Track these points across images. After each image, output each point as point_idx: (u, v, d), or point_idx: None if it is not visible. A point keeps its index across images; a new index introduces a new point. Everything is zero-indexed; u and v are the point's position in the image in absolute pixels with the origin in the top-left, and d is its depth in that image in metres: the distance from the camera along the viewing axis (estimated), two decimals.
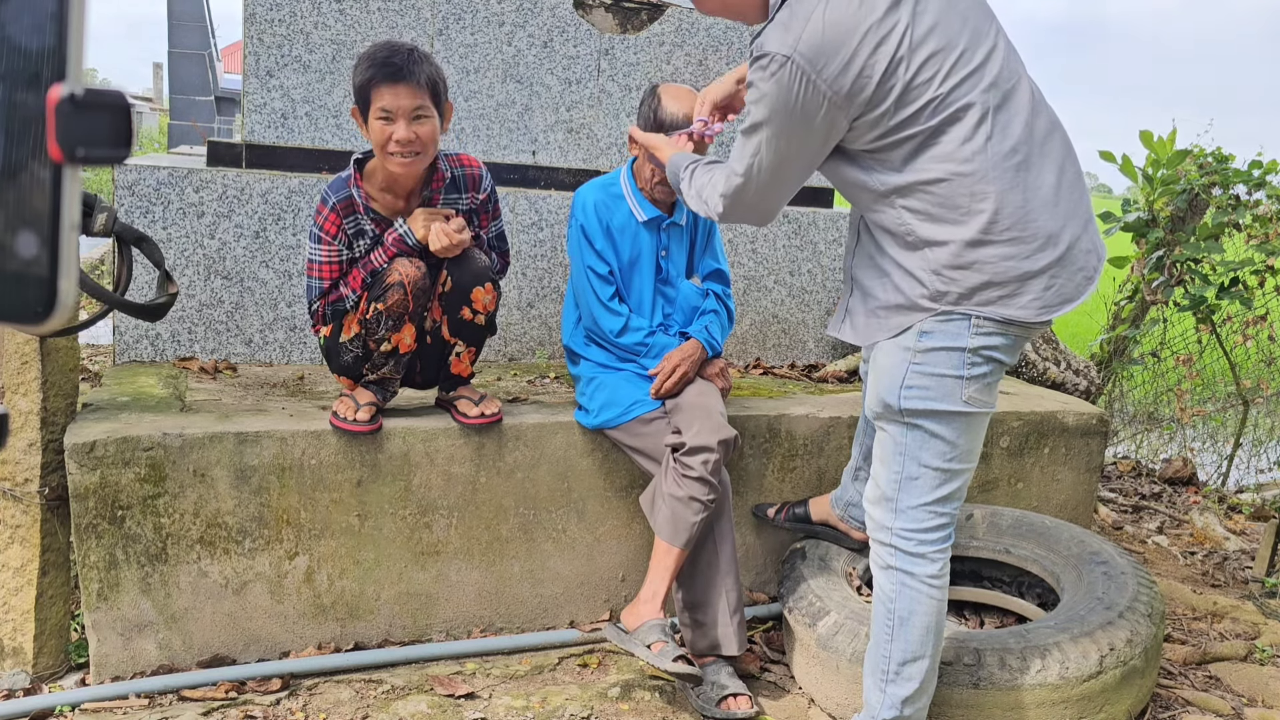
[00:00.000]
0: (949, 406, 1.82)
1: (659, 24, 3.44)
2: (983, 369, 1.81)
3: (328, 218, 2.28)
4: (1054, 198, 1.78)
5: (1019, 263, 1.76)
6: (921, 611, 1.92)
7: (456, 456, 2.45)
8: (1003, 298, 1.77)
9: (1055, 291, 1.79)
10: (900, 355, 1.84)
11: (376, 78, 2.17)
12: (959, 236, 1.75)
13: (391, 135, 2.17)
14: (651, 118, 2.45)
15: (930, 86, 1.72)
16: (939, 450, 1.86)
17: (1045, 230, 1.77)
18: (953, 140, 1.73)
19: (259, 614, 2.35)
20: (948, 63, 1.73)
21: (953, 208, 1.75)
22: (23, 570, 2.26)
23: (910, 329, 1.83)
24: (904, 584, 1.93)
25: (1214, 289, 3.99)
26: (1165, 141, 4.20)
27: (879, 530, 1.96)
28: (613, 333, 2.51)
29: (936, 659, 1.98)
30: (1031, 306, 1.78)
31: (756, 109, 1.79)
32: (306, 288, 2.36)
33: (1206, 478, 4.65)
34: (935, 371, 1.81)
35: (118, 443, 2.17)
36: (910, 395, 1.84)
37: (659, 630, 2.22)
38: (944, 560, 1.93)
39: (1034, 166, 1.77)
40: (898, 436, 1.89)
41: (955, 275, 1.77)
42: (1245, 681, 2.60)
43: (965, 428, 1.85)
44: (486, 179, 2.45)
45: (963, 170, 1.73)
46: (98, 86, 0.52)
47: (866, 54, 1.70)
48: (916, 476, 1.88)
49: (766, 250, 3.51)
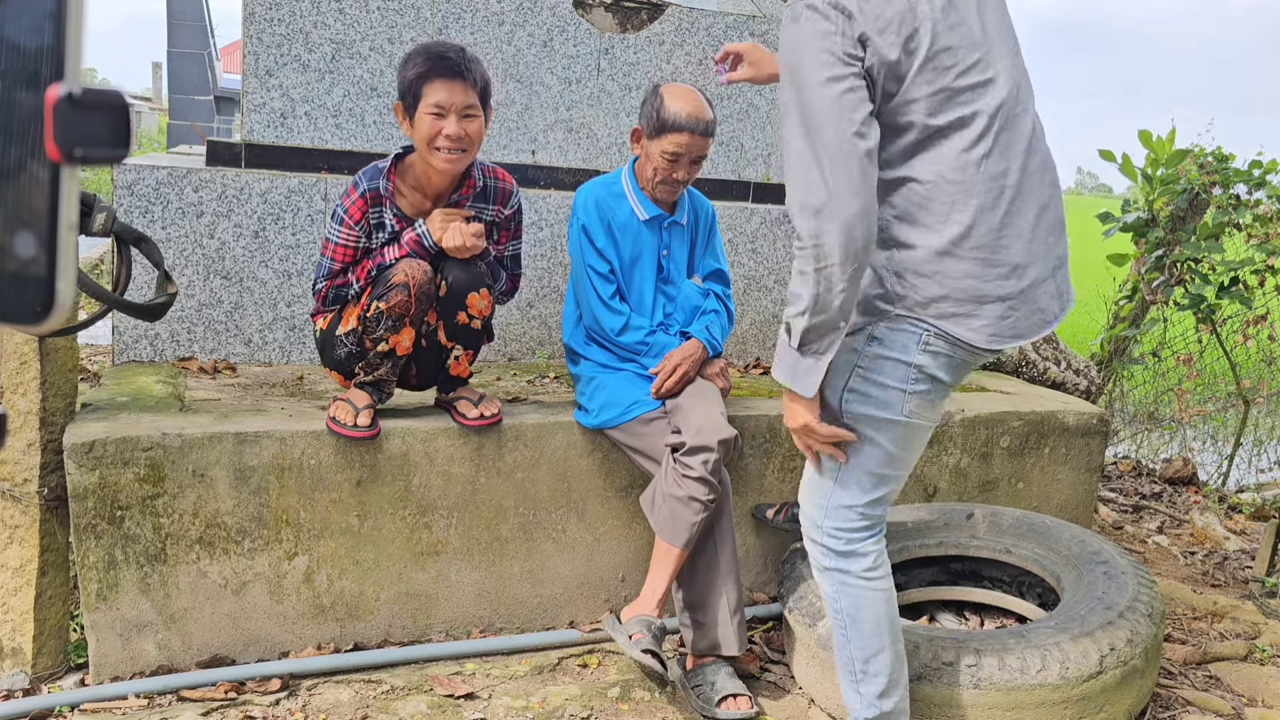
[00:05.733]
0: (889, 415, 1.83)
1: (659, 24, 3.44)
2: (924, 386, 1.82)
3: (355, 202, 2.29)
4: (1029, 234, 1.80)
5: (980, 284, 1.77)
6: (866, 605, 1.95)
7: (456, 457, 2.45)
8: (956, 315, 1.78)
9: (1009, 323, 1.80)
10: (847, 357, 1.84)
11: (432, 73, 2.19)
12: (929, 243, 1.75)
13: (442, 130, 2.19)
14: (654, 118, 2.45)
15: (946, 74, 1.71)
16: (876, 456, 1.87)
17: (1012, 260, 1.78)
18: (952, 147, 1.73)
19: (258, 614, 2.34)
20: (965, 61, 1.73)
21: (930, 212, 1.75)
22: (22, 570, 2.26)
23: (862, 330, 1.83)
24: (843, 583, 1.96)
25: (1214, 289, 3.99)
26: (1165, 141, 4.20)
27: (811, 529, 1.99)
28: (614, 331, 2.51)
29: (898, 648, 1.99)
30: (983, 331, 1.78)
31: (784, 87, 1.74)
32: (316, 265, 2.38)
33: (1207, 477, 4.65)
34: (879, 380, 1.82)
35: (117, 443, 2.17)
36: (852, 399, 1.85)
37: (645, 625, 2.24)
38: (876, 553, 1.95)
39: (1018, 198, 1.78)
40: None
41: (916, 282, 1.77)
42: (1245, 681, 2.60)
43: (904, 437, 1.87)
44: (516, 196, 2.45)
45: (951, 178, 1.73)
46: (96, 86, 0.52)
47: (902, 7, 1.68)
48: (850, 478, 1.90)
49: (766, 250, 3.51)
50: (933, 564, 2.78)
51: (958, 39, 1.73)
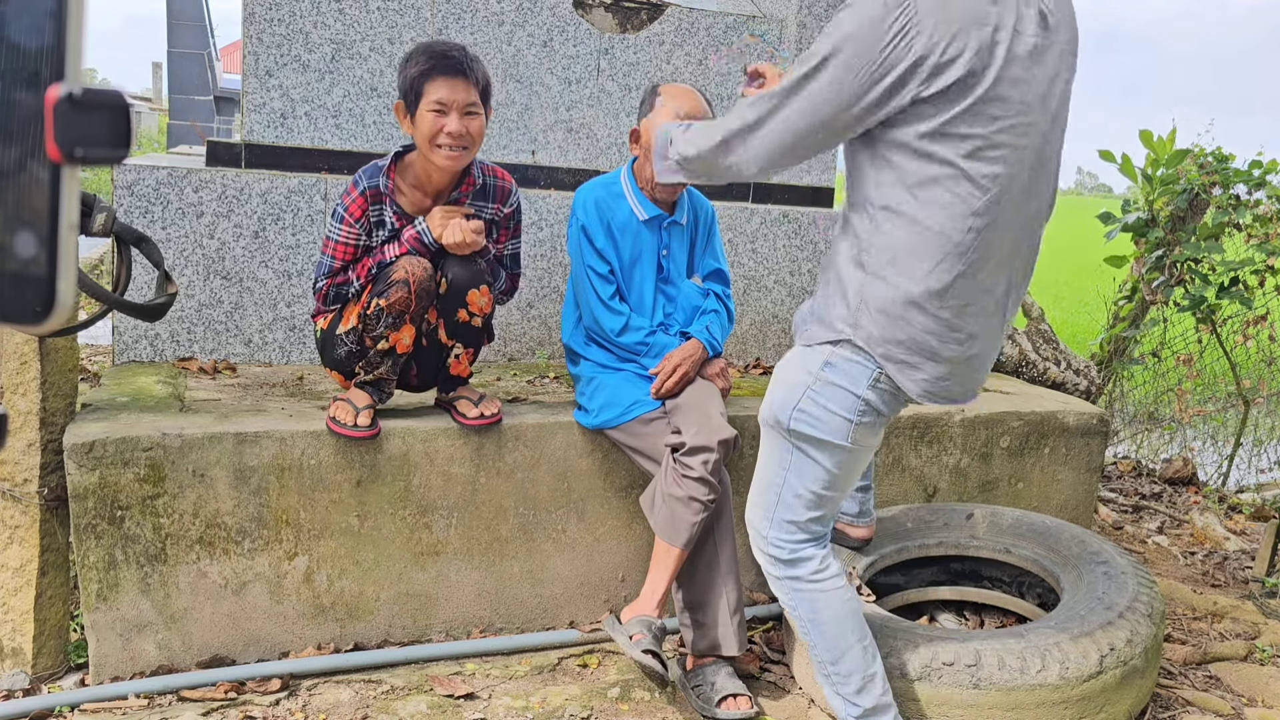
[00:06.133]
0: (834, 439, 1.89)
1: (659, 24, 3.44)
2: (869, 418, 1.89)
3: (355, 200, 2.29)
4: (995, 308, 1.85)
5: (935, 341, 1.80)
6: (823, 607, 1.99)
7: (456, 457, 2.45)
8: (903, 363, 1.82)
9: (945, 385, 1.86)
10: (802, 377, 1.90)
11: (435, 70, 2.20)
12: (906, 289, 1.77)
13: (444, 128, 2.21)
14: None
15: (989, 123, 1.69)
16: (817, 476, 1.94)
17: (969, 329, 1.82)
18: (964, 203, 1.73)
19: (258, 614, 2.34)
20: (1010, 119, 1.71)
21: (919, 260, 1.76)
22: (22, 570, 2.26)
23: (819, 354, 1.87)
24: (795, 589, 2.02)
25: (1214, 289, 3.99)
26: (1165, 141, 4.20)
27: (758, 539, 2.06)
28: (613, 332, 2.51)
29: (865, 644, 2.01)
30: (920, 384, 1.84)
31: (827, 39, 1.72)
32: (317, 264, 2.38)
33: (1207, 478, 4.65)
34: (829, 406, 1.88)
35: (117, 443, 2.17)
36: (800, 419, 1.90)
37: (646, 626, 2.24)
38: (822, 554, 2.01)
39: (997, 271, 1.81)
40: (780, 453, 1.97)
41: (879, 319, 1.80)
42: (1245, 681, 2.60)
43: (846, 461, 1.93)
44: (515, 195, 2.46)
45: (952, 235, 1.74)
46: (96, 86, 0.52)
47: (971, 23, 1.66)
48: (793, 495, 1.97)
49: (766, 250, 3.51)
50: (933, 564, 2.78)
51: (1017, 94, 1.71)
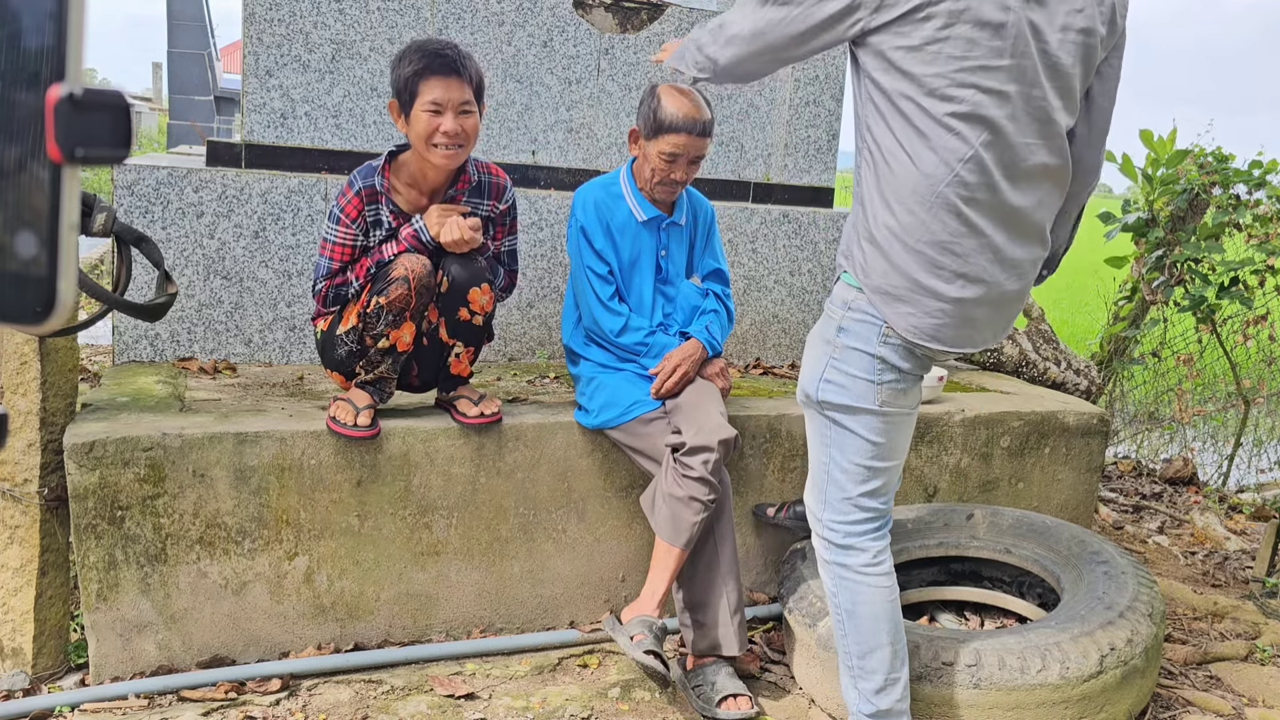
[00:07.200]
0: (864, 405, 1.88)
1: (659, 24, 3.44)
2: (890, 376, 1.86)
3: (350, 200, 2.30)
4: (996, 257, 1.82)
5: (921, 274, 1.79)
6: (864, 601, 1.96)
7: (456, 457, 2.45)
8: (888, 297, 1.81)
9: (935, 326, 1.82)
10: (823, 348, 1.90)
11: (428, 70, 2.20)
12: (882, 219, 1.80)
13: (439, 127, 2.21)
14: (651, 118, 2.44)
15: (945, 61, 1.69)
16: (859, 447, 1.91)
17: (956, 268, 1.79)
18: (925, 135, 1.73)
19: (259, 614, 2.34)
20: (978, 59, 1.70)
21: (891, 192, 1.77)
22: (22, 571, 2.26)
23: (832, 322, 1.89)
24: (841, 576, 1.98)
25: (1214, 289, 3.99)
26: (1165, 141, 4.20)
27: (814, 521, 2.03)
28: (613, 332, 2.51)
29: (898, 647, 1.99)
30: (907, 320, 1.81)
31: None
32: (315, 266, 2.38)
33: (1207, 478, 4.65)
34: (851, 371, 1.87)
35: (117, 443, 2.17)
36: (827, 389, 1.89)
37: (646, 626, 2.24)
38: (878, 548, 1.97)
39: (990, 214, 1.79)
40: (821, 429, 1.96)
41: (867, 249, 1.82)
42: (1246, 681, 2.60)
43: (885, 428, 1.90)
44: (510, 191, 2.47)
45: (920, 170, 1.74)
46: (97, 86, 0.52)
47: None
48: (840, 471, 1.94)
49: (766, 250, 3.51)
50: (933, 564, 2.78)
51: (985, 36, 1.71)
